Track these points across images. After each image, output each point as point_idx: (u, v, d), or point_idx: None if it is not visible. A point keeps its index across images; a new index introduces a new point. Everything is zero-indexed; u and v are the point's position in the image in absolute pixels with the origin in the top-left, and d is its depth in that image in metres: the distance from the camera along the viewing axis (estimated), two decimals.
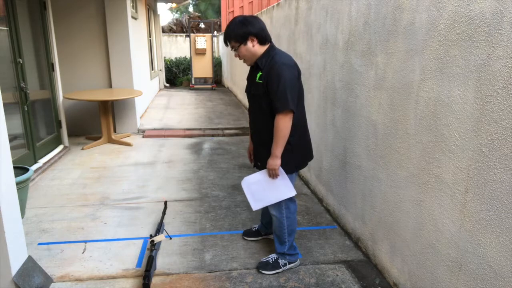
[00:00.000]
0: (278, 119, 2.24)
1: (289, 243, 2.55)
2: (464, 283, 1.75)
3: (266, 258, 2.59)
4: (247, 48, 2.30)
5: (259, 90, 2.32)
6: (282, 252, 2.56)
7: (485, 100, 1.59)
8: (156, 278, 2.45)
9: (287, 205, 2.48)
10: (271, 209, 2.51)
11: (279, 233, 2.54)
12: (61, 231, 3.04)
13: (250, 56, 2.33)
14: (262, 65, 2.31)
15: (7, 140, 2.23)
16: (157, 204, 3.58)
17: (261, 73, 2.31)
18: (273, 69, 2.24)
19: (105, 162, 4.80)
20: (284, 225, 2.50)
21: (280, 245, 2.56)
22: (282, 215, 2.48)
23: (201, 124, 6.93)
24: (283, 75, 2.21)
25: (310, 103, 3.92)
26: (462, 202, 1.75)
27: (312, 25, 3.76)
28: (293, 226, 2.54)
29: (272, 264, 2.54)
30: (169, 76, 14.07)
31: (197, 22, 16.84)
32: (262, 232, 2.93)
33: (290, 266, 2.56)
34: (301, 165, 2.50)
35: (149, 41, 9.76)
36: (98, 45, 5.99)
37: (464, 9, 1.69)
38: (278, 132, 2.25)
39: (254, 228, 2.98)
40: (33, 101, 4.46)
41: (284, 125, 2.24)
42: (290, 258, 2.57)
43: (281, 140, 2.26)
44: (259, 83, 2.31)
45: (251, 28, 2.27)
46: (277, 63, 2.25)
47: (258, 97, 2.36)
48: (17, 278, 2.17)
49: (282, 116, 2.23)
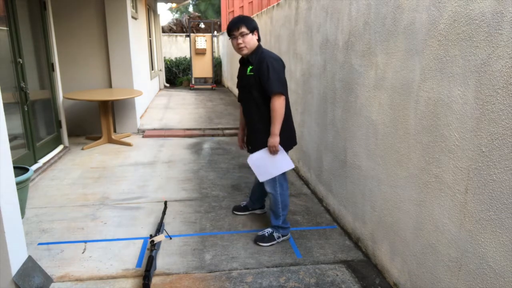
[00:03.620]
0: (274, 101, 2.61)
1: (283, 217, 2.90)
2: (464, 283, 1.75)
3: (262, 232, 2.92)
4: (252, 37, 2.70)
5: (250, 81, 2.71)
6: (277, 225, 2.90)
7: (485, 100, 1.59)
8: (156, 278, 2.45)
9: (280, 183, 2.84)
10: (267, 187, 2.86)
11: (275, 208, 2.89)
12: (61, 231, 3.04)
13: (252, 45, 2.71)
14: (253, 60, 2.71)
15: (7, 140, 2.23)
16: (157, 204, 3.58)
17: (252, 67, 2.71)
18: (263, 62, 2.64)
19: (105, 162, 4.80)
20: (278, 200, 2.86)
21: (276, 218, 2.90)
22: (277, 192, 2.85)
23: (201, 124, 6.93)
24: (271, 65, 2.62)
25: (310, 103, 3.92)
26: (462, 202, 1.75)
27: (312, 25, 3.75)
28: (286, 202, 2.91)
29: (268, 237, 2.87)
30: (169, 76, 14.07)
31: (197, 22, 16.84)
32: (249, 207, 3.36)
33: (283, 238, 2.92)
34: (286, 147, 2.80)
35: (149, 41, 9.76)
36: (98, 45, 5.99)
37: (464, 9, 1.69)
38: (274, 112, 2.61)
39: (242, 204, 3.41)
40: (33, 101, 4.46)
41: (279, 105, 2.60)
42: (283, 232, 2.92)
43: (279, 119, 2.62)
44: (250, 75, 2.71)
45: (256, 25, 2.75)
46: (266, 57, 2.66)
47: (249, 87, 2.73)
48: (17, 278, 2.16)
49: (277, 97, 2.60)
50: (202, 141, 5.99)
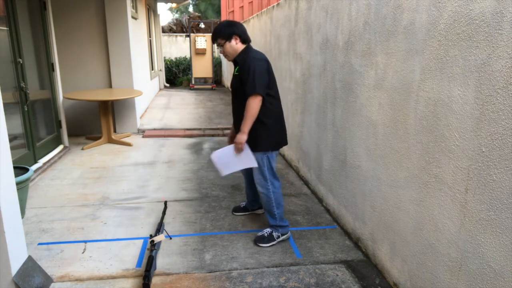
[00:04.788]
0: (249, 100, 2.64)
1: (279, 215, 2.88)
2: (464, 283, 1.75)
3: (261, 232, 2.91)
4: (231, 45, 2.76)
5: (237, 81, 2.79)
6: (274, 224, 2.89)
7: (485, 100, 1.59)
8: (156, 278, 2.45)
9: (272, 182, 2.84)
10: (258, 187, 2.86)
11: (269, 207, 2.88)
12: (61, 231, 3.04)
13: (232, 52, 2.78)
14: (239, 61, 2.77)
15: (7, 140, 2.23)
16: (157, 204, 3.58)
17: (238, 67, 2.78)
18: (245, 62, 2.71)
19: (105, 162, 4.80)
20: (271, 199, 2.85)
21: (272, 218, 2.90)
22: (269, 191, 2.84)
23: (201, 124, 6.93)
24: (252, 65, 2.65)
25: (310, 103, 3.92)
26: (462, 202, 1.75)
27: (312, 25, 3.75)
28: (279, 200, 2.89)
29: (268, 237, 2.87)
30: (169, 76, 14.06)
31: (197, 22, 16.83)
32: (249, 208, 3.36)
33: (283, 237, 2.90)
34: (275, 147, 2.84)
35: (149, 41, 9.75)
36: (98, 45, 5.99)
37: (464, 9, 1.69)
38: (247, 112, 2.65)
39: (242, 205, 3.40)
40: (33, 101, 4.46)
41: (252, 105, 2.63)
42: (282, 230, 2.90)
43: (250, 118, 2.65)
44: (236, 75, 2.79)
45: (235, 29, 2.77)
46: (249, 57, 2.72)
47: (235, 87, 2.81)
48: (17, 278, 2.17)
49: (252, 98, 2.63)
50: (202, 141, 5.99)
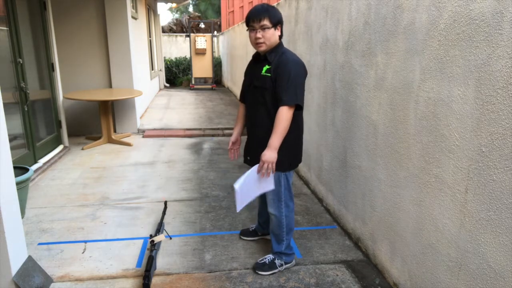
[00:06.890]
0: (282, 111, 2.20)
1: (286, 242, 2.54)
2: (464, 283, 1.75)
3: (262, 259, 2.57)
4: (274, 33, 2.30)
5: (266, 83, 2.30)
6: (279, 251, 2.55)
7: (485, 100, 1.59)
8: (156, 278, 2.45)
9: (286, 203, 2.46)
10: (270, 208, 2.48)
11: (278, 231, 2.52)
12: (61, 231, 3.04)
13: (272, 42, 2.31)
14: (271, 59, 2.30)
15: (7, 140, 2.23)
16: (157, 204, 3.58)
17: (269, 67, 2.30)
18: (285, 64, 2.25)
19: (105, 162, 4.80)
20: (283, 224, 2.49)
21: (278, 244, 2.55)
22: (282, 213, 2.46)
23: (201, 124, 6.93)
24: (294, 71, 2.24)
25: (310, 103, 3.92)
26: (462, 202, 1.75)
27: (312, 25, 3.75)
28: (291, 225, 2.54)
29: (269, 264, 2.53)
30: (169, 76, 14.07)
31: (197, 22, 16.83)
32: (259, 232, 2.92)
33: (286, 266, 2.56)
34: (293, 165, 2.45)
35: (149, 41, 9.75)
36: (98, 45, 5.99)
37: (464, 9, 1.69)
38: (280, 123, 2.20)
39: (251, 228, 2.98)
40: (33, 101, 4.46)
41: (286, 117, 2.21)
42: (286, 258, 2.56)
43: (282, 132, 2.22)
44: (266, 76, 2.29)
45: (282, 18, 2.35)
46: (289, 60, 2.28)
47: (262, 90, 2.32)
48: (17, 278, 2.17)
49: (287, 109, 2.21)
50: (202, 141, 5.99)
